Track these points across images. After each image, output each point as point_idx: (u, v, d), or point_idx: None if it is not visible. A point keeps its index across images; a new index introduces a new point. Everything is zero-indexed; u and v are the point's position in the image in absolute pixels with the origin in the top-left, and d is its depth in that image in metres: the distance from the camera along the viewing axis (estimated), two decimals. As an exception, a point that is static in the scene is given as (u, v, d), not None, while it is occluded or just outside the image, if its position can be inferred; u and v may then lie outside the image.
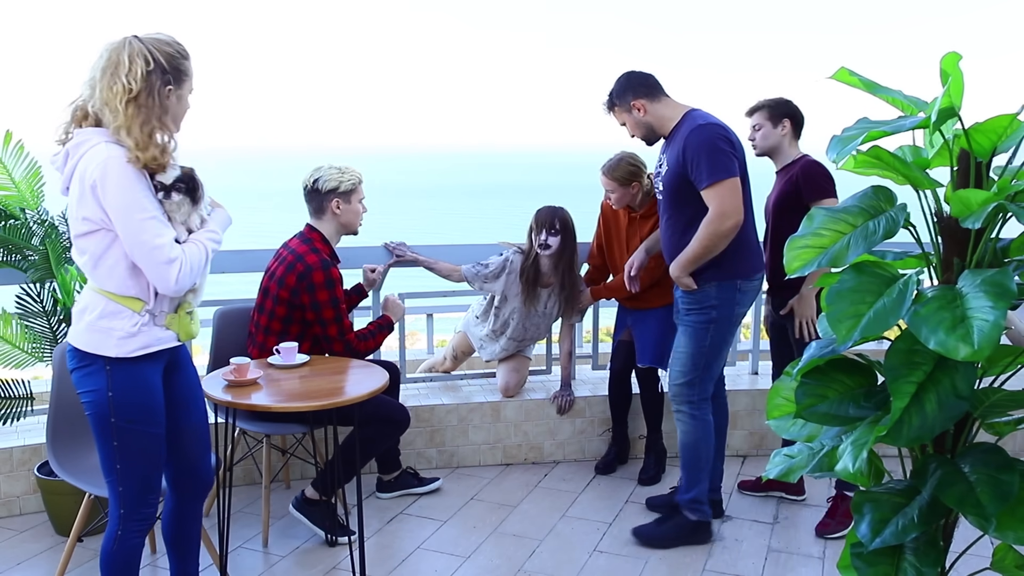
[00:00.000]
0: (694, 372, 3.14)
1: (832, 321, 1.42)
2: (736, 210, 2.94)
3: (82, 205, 2.12)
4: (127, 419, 2.21)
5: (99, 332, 2.19)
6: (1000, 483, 1.43)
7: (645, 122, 3.14)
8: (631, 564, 3.13)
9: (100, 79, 2.11)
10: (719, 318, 3.08)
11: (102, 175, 2.08)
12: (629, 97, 3.14)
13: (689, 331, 3.14)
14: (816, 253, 1.53)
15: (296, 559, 3.15)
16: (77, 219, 2.15)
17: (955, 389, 1.40)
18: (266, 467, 3.28)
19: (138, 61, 2.09)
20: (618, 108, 3.19)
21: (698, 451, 3.19)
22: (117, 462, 2.24)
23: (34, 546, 3.19)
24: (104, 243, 2.16)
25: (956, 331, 1.31)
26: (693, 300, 3.11)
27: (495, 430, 4.04)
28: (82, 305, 2.23)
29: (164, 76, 2.14)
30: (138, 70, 2.09)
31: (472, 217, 46.58)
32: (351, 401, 2.67)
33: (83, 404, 2.25)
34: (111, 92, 2.09)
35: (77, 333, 2.23)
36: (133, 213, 2.11)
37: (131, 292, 2.20)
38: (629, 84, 3.16)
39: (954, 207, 1.48)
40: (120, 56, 2.10)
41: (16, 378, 3.37)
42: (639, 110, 3.13)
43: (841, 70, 1.63)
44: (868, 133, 1.49)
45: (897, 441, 1.40)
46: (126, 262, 2.17)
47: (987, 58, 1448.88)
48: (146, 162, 2.11)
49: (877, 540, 1.49)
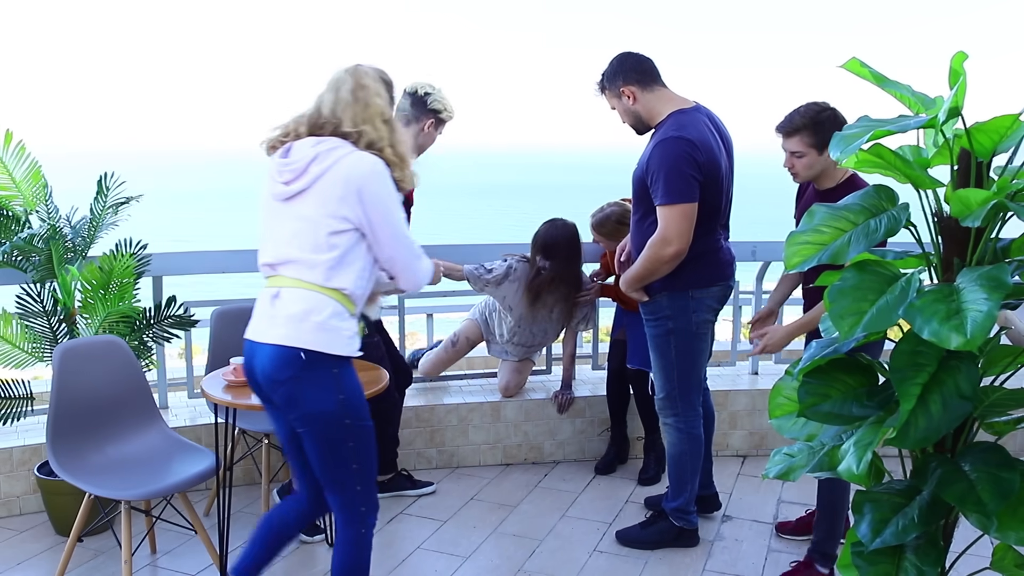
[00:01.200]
0: (669, 384, 3.09)
1: (834, 318, 1.42)
2: (680, 237, 2.83)
3: (343, 205, 2.18)
4: (358, 417, 2.24)
5: (330, 332, 2.19)
6: (1001, 481, 1.43)
7: (634, 111, 2.98)
8: (631, 564, 3.13)
9: (349, 99, 2.26)
10: (676, 328, 3.01)
11: (373, 179, 2.20)
12: (620, 82, 2.96)
13: (653, 343, 3.10)
14: (816, 249, 1.53)
15: (296, 559, 3.15)
16: (333, 216, 2.18)
17: (958, 389, 1.40)
18: (266, 467, 3.28)
19: (390, 90, 2.37)
20: (608, 92, 3.03)
21: (683, 463, 3.16)
22: (354, 462, 2.25)
23: (34, 546, 3.19)
24: (350, 242, 2.21)
25: (950, 321, 1.31)
26: (649, 311, 3.07)
27: (495, 430, 4.04)
28: (306, 306, 2.19)
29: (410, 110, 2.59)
30: (389, 96, 2.36)
31: (471, 217, 46.57)
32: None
33: (306, 414, 2.20)
34: (366, 113, 2.26)
35: (303, 333, 2.17)
36: (396, 213, 2.24)
37: (357, 293, 2.25)
38: (621, 68, 2.97)
39: (954, 206, 1.48)
40: (370, 82, 2.30)
41: (16, 378, 3.36)
42: (629, 97, 2.95)
43: (852, 60, 1.62)
44: (874, 132, 1.49)
45: (904, 444, 1.40)
46: (362, 263, 2.24)
47: (988, 58, 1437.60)
48: (398, 178, 2.28)
49: (877, 540, 1.49)
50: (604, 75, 3.01)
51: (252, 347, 2.27)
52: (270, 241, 2.28)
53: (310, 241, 2.20)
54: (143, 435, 2.96)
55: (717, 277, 3.03)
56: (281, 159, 2.25)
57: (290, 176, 2.22)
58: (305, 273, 2.21)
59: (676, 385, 3.08)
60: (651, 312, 3.06)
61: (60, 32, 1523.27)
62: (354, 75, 2.30)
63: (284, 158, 2.25)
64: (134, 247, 3.43)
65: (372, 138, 2.24)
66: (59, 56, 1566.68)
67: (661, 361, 3.08)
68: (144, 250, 3.47)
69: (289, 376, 2.18)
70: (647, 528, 3.27)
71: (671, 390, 3.09)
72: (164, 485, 2.71)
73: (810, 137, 2.78)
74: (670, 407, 3.12)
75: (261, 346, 2.23)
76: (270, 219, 2.29)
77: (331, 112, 2.26)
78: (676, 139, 2.81)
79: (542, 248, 3.81)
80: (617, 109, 3.02)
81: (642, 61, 2.97)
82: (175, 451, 2.92)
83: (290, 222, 2.23)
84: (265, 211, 2.31)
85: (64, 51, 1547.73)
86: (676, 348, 3.04)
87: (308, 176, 2.20)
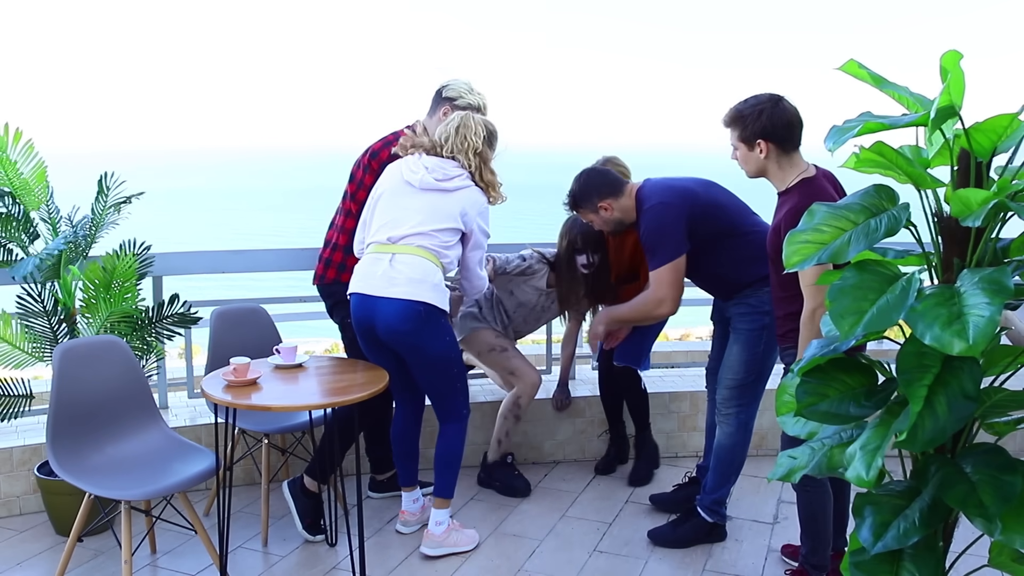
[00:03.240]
0: (746, 377, 3.12)
1: (835, 317, 1.42)
2: (670, 299, 3.12)
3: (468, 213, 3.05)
4: (457, 349, 3.13)
5: (441, 292, 2.98)
6: (1002, 483, 1.43)
7: (614, 219, 3.25)
8: (631, 564, 3.13)
9: (455, 135, 3.07)
10: (771, 324, 3.00)
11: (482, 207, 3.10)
12: (595, 200, 3.22)
13: (744, 337, 3.12)
14: (816, 248, 1.53)
15: (296, 559, 3.15)
16: (464, 219, 3.04)
17: (963, 389, 1.39)
18: (265, 467, 3.28)
19: (482, 132, 3.09)
20: (583, 210, 3.30)
21: (735, 455, 3.19)
22: (458, 381, 3.12)
23: (34, 546, 3.19)
24: (456, 237, 3.07)
25: (952, 327, 1.31)
26: (751, 306, 3.09)
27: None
28: (422, 271, 2.93)
29: (490, 145, 3.13)
30: (481, 139, 3.08)
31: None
32: (351, 401, 2.67)
33: (435, 348, 2.99)
34: (465, 145, 3.06)
35: (425, 291, 2.92)
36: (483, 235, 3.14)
37: (449, 268, 3.10)
38: (592, 186, 3.24)
39: (954, 206, 1.48)
40: (470, 123, 3.09)
41: (16, 378, 3.36)
42: (606, 210, 3.22)
43: (850, 62, 1.62)
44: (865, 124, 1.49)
45: (913, 446, 1.39)
46: (457, 252, 3.09)
47: (988, 58, 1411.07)
48: (493, 197, 3.13)
49: (879, 544, 1.48)
50: (576, 196, 3.31)
51: (370, 301, 2.95)
52: (400, 215, 3.00)
53: (440, 224, 2.99)
54: (143, 435, 2.96)
55: None
56: (433, 158, 3.06)
57: (442, 176, 3.01)
58: (426, 243, 2.96)
59: (753, 378, 3.13)
60: (753, 307, 3.09)
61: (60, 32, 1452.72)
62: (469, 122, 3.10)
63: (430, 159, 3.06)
64: (137, 248, 3.44)
65: (477, 171, 3.08)
66: (59, 56, 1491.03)
67: (745, 355, 3.11)
68: (147, 251, 3.47)
69: (421, 324, 2.92)
70: (680, 527, 3.28)
71: (745, 380, 3.13)
72: (164, 485, 2.71)
73: (736, 131, 2.73)
74: (738, 397, 3.14)
75: (382, 300, 2.91)
76: (402, 199, 3.02)
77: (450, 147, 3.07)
78: (647, 210, 3.12)
79: (592, 242, 3.56)
80: (594, 222, 3.34)
81: (605, 173, 3.31)
82: (175, 451, 2.92)
83: (426, 206, 2.99)
84: (396, 195, 3.03)
85: (64, 51, 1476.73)
86: (767, 343, 3.09)
87: (452, 183, 3.02)
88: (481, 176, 3.07)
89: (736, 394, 3.15)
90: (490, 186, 3.09)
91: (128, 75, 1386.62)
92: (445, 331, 3.02)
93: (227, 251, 4.00)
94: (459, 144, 3.05)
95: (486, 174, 3.08)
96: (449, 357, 3.06)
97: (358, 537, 2.86)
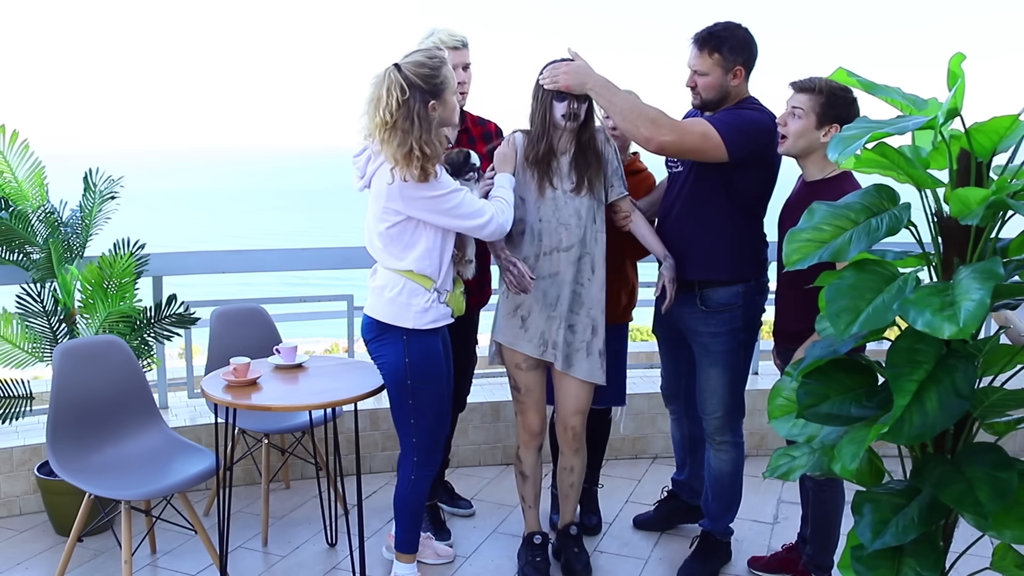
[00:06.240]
0: (732, 400, 2.90)
1: (831, 316, 1.42)
2: (667, 135, 2.59)
3: (389, 200, 2.49)
4: (420, 381, 2.61)
5: (399, 307, 2.58)
6: (998, 481, 1.43)
7: (728, 89, 2.72)
8: (631, 564, 3.13)
9: (368, 111, 2.47)
10: (747, 340, 2.88)
11: (395, 185, 2.46)
12: (739, 59, 2.69)
13: (721, 360, 2.86)
14: (816, 247, 1.53)
15: (296, 559, 3.15)
16: (388, 211, 2.51)
17: (955, 388, 1.40)
18: (265, 467, 3.28)
19: (394, 92, 2.41)
20: (717, 57, 2.67)
21: (737, 478, 3.00)
22: (411, 418, 2.65)
23: (34, 546, 3.19)
24: (408, 229, 2.54)
25: (943, 312, 1.32)
26: (719, 324, 2.83)
27: (495, 430, 4.03)
28: (381, 283, 2.61)
29: (424, 96, 2.44)
30: (393, 101, 2.40)
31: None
32: (351, 401, 2.67)
33: (380, 369, 2.66)
34: (373, 123, 2.45)
35: (378, 307, 2.61)
36: (436, 205, 2.49)
37: (425, 271, 2.57)
38: (746, 47, 2.70)
39: (953, 206, 1.48)
40: (379, 91, 2.43)
41: (16, 378, 3.36)
42: (735, 76, 2.71)
43: (839, 71, 1.64)
44: (872, 134, 1.49)
45: (898, 439, 1.40)
46: (425, 244, 2.55)
47: (987, 59, 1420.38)
48: (409, 174, 2.42)
49: (878, 541, 1.49)
50: (724, 41, 2.68)
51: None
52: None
53: (376, 226, 2.59)
54: (143, 435, 2.96)
55: (766, 265, 2.95)
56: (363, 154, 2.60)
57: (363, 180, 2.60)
58: (377, 251, 2.63)
59: (739, 394, 2.92)
60: (722, 324, 2.82)
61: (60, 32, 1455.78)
62: (375, 85, 2.48)
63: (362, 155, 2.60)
64: (133, 247, 3.43)
65: (381, 149, 2.48)
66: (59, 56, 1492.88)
67: (725, 378, 2.86)
68: (142, 250, 3.47)
69: (370, 338, 2.66)
70: (707, 560, 3.06)
71: (731, 406, 2.90)
72: (164, 485, 2.71)
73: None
74: (728, 425, 2.92)
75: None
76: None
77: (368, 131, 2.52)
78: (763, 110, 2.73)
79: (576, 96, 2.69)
80: (708, 78, 2.70)
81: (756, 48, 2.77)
82: (175, 451, 2.92)
83: (368, 210, 2.61)
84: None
85: (64, 51, 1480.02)
86: (745, 359, 2.90)
87: (366, 179, 2.59)
88: (392, 156, 2.42)
89: (727, 421, 2.91)
90: (399, 164, 2.41)
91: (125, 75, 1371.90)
92: (395, 352, 2.59)
93: (227, 251, 4.01)
94: (370, 124, 2.47)
95: (395, 152, 2.40)
96: (395, 382, 2.62)
97: (358, 537, 2.86)
